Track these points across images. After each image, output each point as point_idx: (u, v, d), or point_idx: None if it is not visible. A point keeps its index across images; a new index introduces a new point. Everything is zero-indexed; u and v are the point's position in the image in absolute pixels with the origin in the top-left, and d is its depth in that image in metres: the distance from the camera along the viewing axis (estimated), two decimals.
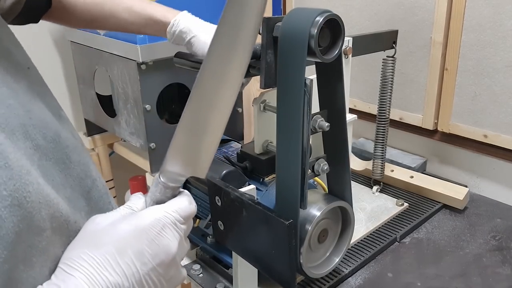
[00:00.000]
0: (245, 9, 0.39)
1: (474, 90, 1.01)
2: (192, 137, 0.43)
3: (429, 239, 0.90)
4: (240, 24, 0.39)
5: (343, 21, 0.60)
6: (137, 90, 1.13)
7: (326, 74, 0.67)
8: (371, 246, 0.87)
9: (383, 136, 1.01)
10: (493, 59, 0.96)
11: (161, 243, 0.41)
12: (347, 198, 0.73)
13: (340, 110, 0.68)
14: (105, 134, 1.49)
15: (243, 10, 0.39)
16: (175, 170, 0.43)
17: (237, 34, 0.39)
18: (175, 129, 0.43)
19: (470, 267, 0.81)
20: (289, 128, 0.62)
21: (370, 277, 0.81)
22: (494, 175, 1.07)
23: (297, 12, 0.59)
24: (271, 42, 0.61)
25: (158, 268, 0.41)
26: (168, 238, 0.41)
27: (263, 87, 0.63)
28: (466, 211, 0.99)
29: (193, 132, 0.43)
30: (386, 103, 0.98)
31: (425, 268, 0.81)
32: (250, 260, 0.69)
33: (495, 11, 0.93)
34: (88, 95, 1.39)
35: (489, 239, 0.89)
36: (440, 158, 1.17)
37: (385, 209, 0.98)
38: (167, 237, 0.41)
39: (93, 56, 1.29)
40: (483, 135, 1.01)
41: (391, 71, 0.96)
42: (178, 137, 0.43)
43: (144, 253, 0.40)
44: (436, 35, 1.02)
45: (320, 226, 0.71)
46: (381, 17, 1.12)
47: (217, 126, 0.42)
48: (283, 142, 0.63)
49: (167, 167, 0.44)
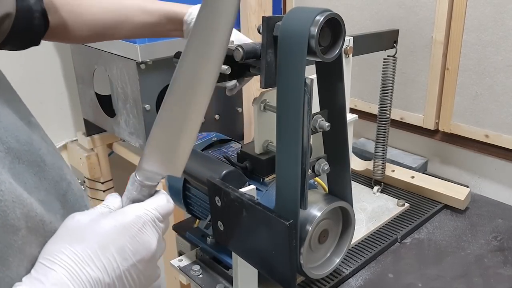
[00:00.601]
0: (217, 12, 0.41)
1: (475, 90, 1.01)
2: (168, 135, 0.44)
3: (430, 239, 0.90)
4: (213, 25, 0.41)
5: (344, 20, 0.60)
6: (137, 90, 1.13)
7: (327, 74, 0.68)
8: (372, 246, 0.87)
9: (384, 136, 1.01)
10: (495, 58, 0.96)
11: (142, 240, 0.42)
12: (347, 199, 0.73)
13: (341, 110, 0.68)
14: (104, 134, 1.49)
15: (215, 12, 0.41)
16: (151, 169, 0.44)
17: (210, 34, 0.41)
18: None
19: (471, 268, 0.81)
20: (289, 128, 0.62)
21: (371, 277, 0.81)
22: (496, 175, 1.08)
23: (297, 11, 0.59)
24: (271, 41, 0.61)
25: (138, 265, 0.41)
26: (148, 235, 0.42)
27: (263, 86, 0.63)
28: (467, 211, 0.99)
29: (169, 130, 0.44)
30: (387, 103, 0.98)
31: (426, 269, 0.81)
32: (250, 260, 0.69)
33: (496, 10, 0.93)
34: (87, 95, 1.40)
35: (490, 240, 0.89)
36: (441, 158, 1.17)
37: (386, 210, 0.98)
38: (147, 234, 0.42)
39: (92, 56, 1.29)
40: (485, 135, 1.01)
41: (392, 70, 0.96)
42: (154, 135, 0.44)
43: (125, 249, 0.40)
44: (437, 34, 1.02)
45: (321, 227, 0.71)
46: (382, 16, 1.12)
47: (192, 125, 0.44)
48: (283, 142, 0.63)
49: (144, 165, 0.44)
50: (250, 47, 0.63)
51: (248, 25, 1.18)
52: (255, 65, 0.67)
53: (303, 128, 0.61)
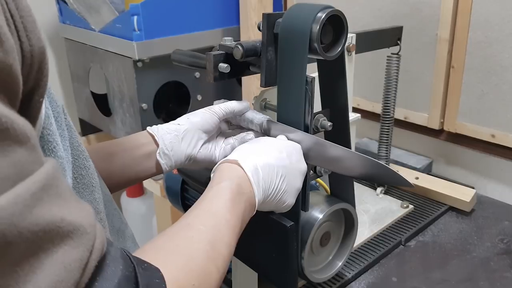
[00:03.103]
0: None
1: (481, 89, 1.01)
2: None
3: (435, 242, 0.90)
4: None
5: (346, 17, 0.60)
6: (133, 89, 1.13)
7: (329, 72, 0.68)
8: (375, 249, 0.87)
9: (388, 136, 1.01)
10: (501, 56, 0.96)
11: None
12: (350, 200, 0.73)
13: (343, 109, 0.68)
14: (100, 133, 1.49)
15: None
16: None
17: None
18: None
19: (477, 271, 0.81)
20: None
21: (374, 281, 0.81)
22: (502, 176, 1.08)
23: (298, 8, 0.59)
24: (272, 39, 0.61)
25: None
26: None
27: (264, 85, 0.63)
28: (473, 213, 0.99)
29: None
30: (391, 102, 0.98)
31: (430, 273, 0.81)
32: (250, 264, 0.69)
33: (503, 7, 0.93)
34: (83, 94, 1.40)
35: (497, 243, 0.89)
36: (446, 159, 1.17)
37: (389, 212, 0.98)
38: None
39: (87, 53, 1.29)
40: (491, 135, 1.02)
41: (396, 69, 0.96)
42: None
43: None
44: (442, 31, 1.02)
45: (323, 229, 0.71)
46: (385, 13, 1.12)
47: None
48: None
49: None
50: (250, 45, 0.63)
51: (248, 22, 1.18)
52: (255, 63, 0.67)
53: (304, 128, 0.61)
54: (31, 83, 0.32)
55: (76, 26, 1.29)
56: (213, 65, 0.64)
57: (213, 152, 0.65)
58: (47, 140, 0.36)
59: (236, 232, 0.49)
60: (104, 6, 1.15)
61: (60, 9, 1.35)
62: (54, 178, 0.29)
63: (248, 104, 0.67)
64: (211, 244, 0.44)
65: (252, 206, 0.53)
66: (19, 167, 0.27)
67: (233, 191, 0.50)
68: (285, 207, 0.58)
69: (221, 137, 0.67)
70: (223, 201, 0.49)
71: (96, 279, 0.31)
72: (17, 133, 0.27)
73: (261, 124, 0.64)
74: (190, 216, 0.47)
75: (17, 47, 0.29)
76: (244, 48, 0.62)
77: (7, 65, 0.27)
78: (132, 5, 1.08)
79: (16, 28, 0.29)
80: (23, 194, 0.26)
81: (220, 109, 0.65)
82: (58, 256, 0.28)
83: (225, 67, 0.64)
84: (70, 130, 0.43)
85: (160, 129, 0.63)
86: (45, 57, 0.32)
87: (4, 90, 0.28)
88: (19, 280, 0.26)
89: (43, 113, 0.35)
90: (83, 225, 0.30)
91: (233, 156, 0.55)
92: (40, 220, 0.27)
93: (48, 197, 0.28)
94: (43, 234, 0.27)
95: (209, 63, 0.64)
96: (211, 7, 1.22)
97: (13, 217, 0.25)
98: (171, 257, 0.40)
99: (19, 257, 0.26)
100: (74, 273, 0.29)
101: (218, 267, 0.44)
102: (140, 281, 0.34)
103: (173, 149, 0.62)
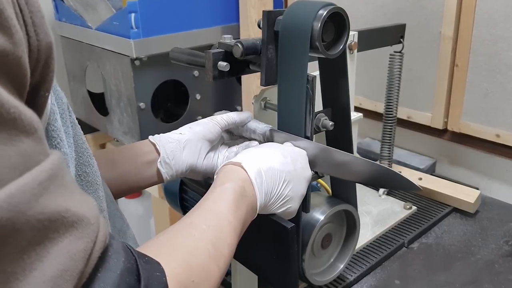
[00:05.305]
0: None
1: (485, 88, 1.01)
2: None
3: (438, 244, 0.90)
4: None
5: (348, 15, 0.60)
6: (131, 87, 1.13)
7: (330, 71, 0.68)
8: (378, 251, 0.87)
9: (390, 135, 1.01)
10: (506, 54, 0.96)
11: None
12: (352, 201, 0.73)
13: (345, 108, 0.68)
14: (97, 133, 1.49)
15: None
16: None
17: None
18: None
19: (481, 274, 0.81)
20: (291, 127, 0.62)
21: (377, 284, 0.81)
22: (507, 176, 1.08)
23: (299, 5, 0.59)
24: (272, 37, 0.61)
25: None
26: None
27: (264, 84, 0.63)
28: (477, 214, 0.99)
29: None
30: (393, 101, 0.98)
31: (434, 275, 0.82)
32: (250, 266, 0.69)
33: (508, 4, 0.93)
34: (79, 93, 1.40)
35: (501, 244, 0.89)
36: (450, 159, 1.17)
37: (392, 213, 0.98)
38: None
39: (84, 52, 1.29)
40: (496, 135, 1.02)
41: (399, 67, 0.96)
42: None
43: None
44: (446, 29, 1.02)
45: (324, 231, 0.71)
46: (388, 10, 1.12)
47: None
48: None
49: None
50: (250, 43, 0.63)
51: (248, 20, 1.18)
52: (255, 62, 0.67)
53: (306, 127, 0.61)
54: (37, 77, 0.32)
55: (72, 24, 1.29)
56: (212, 64, 0.64)
57: (215, 161, 0.66)
58: (51, 136, 0.37)
59: (237, 233, 0.50)
60: (101, 4, 1.15)
61: (56, 6, 1.35)
62: (60, 169, 0.30)
63: (249, 114, 0.68)
64: (212, 244, 0.44)
65: (253, 210, 0.54)
66: (26, 157, 0.28)
67: (236, 193, 0.51)
68: (289, 213, 0.59)
69: (223, 147, 0.68)
70: (226, 202, 0.50)
71: (99, 270, 0.32)
72: (24, 123, 0.28)
73: (264, 134, 0.65)
74: (193, 215, 0.48)
75: (24, 41, 0.30)
76: (244, 46, 0.62)
77: (17, 56, 0.28)
78: (129, 3, 1.08)
79: (25, 22, 0.30)
80: (31, 183, 0.27)
81: (222, 119, 0.66)
82: (64, 245, 0.29)
83: (225, 66, 0.64)
84: (75, 128, 0.44)
85: (162, 138, 0.64)
86: (52, 52, 0.33)
87: (13, 81, 0.29)
88: (26, 267, 0.27)
89: (48, 109, 0.36)
90: (87, 217, 0.31)
91: (237, 158, 0.56)
92: (46, 209, 0.28)
93: (54, 187, 0.29)
94: (49, 223, 0.28)
95: (208, 62, 0.65)
96: (210, 4, 1.22)
97: (21, 205, 0.26)
98: (173, 253, 0.41)
99: (26, 245, 0.27)
100: (79, 263, 0.30)
101: (219, 266, 0.44)
102: (142, 273, 0.35)
103: (175, 158, 0.63)
